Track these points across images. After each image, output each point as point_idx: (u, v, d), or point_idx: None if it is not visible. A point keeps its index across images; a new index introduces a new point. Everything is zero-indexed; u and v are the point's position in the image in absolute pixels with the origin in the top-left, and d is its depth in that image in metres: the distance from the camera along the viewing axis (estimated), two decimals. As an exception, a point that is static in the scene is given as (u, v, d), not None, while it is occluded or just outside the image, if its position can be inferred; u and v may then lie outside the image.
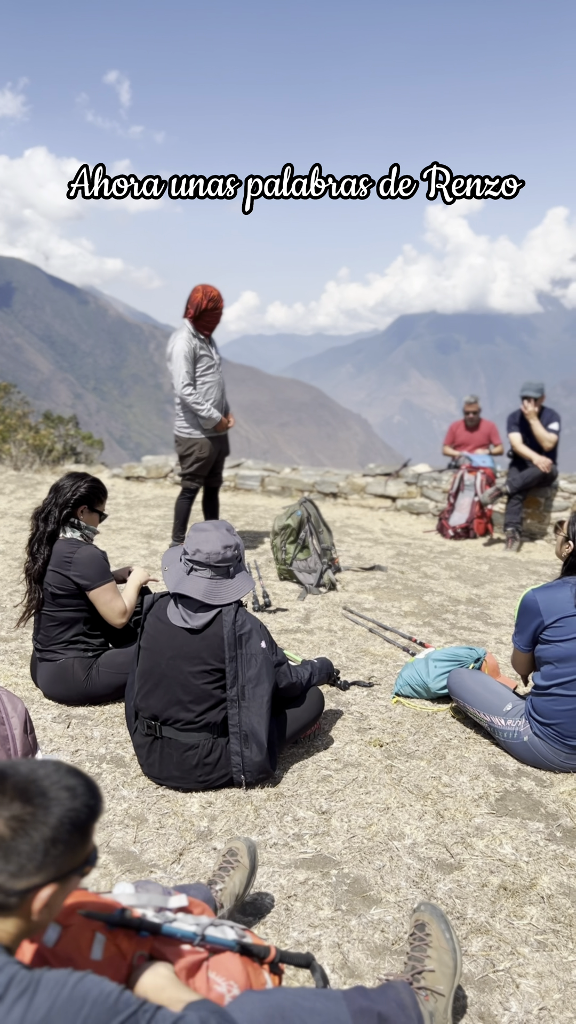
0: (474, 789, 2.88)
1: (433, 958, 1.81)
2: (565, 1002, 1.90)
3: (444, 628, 4.76)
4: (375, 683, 3.84)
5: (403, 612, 5.05)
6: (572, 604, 2.94)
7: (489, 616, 5.06)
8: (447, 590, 5.65)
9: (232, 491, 10.10)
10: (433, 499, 8.92)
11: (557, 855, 2.49)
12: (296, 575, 5.56)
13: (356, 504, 9.52)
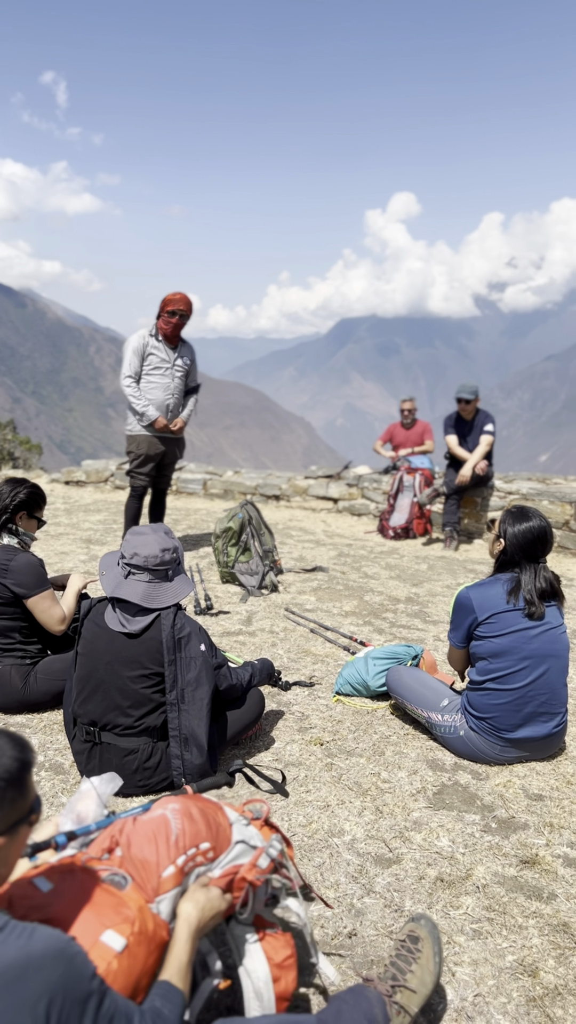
0: (412, 784, 2.93)
1: (416, 975, 1.78)
2: (499, 988, 1.95)
3: (384, 627, 4.83)
4: (316, 683, 3.88)
5: (344, 612, 5.10)
6: (504, 600, 3.02)
7: (427, 614, 5.15)
8: (387, 589, 5.73)
9: (175, 494, 10.07)
10: (374, 500, 9.02)
11: (492, 846, 2.55)
12: (238, 577, 5.57)
13: (299, 506, 9.57)
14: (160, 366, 5.88)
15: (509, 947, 2.09)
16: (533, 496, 7.72)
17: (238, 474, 10.53)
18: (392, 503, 8.26)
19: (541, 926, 2.17)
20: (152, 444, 5.98)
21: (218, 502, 9.75)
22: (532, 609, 2.98)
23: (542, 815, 2.72)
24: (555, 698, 3.02)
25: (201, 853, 1.70)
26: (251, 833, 1.82)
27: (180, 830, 1.70)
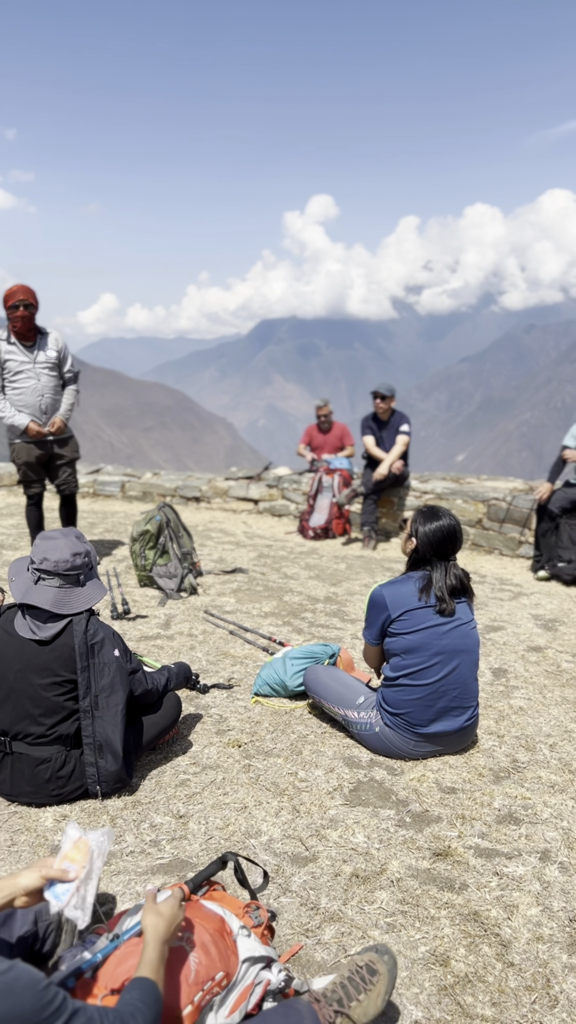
0: (329, 782, 2.96)
1: (362, 1006, 1.75)
2: (412, 978, 1.99)
3: (303, 627, 4.86)
4: (235, 684, 3.87)
5: (264, 613, 5.11)
6: (416, 597, 3.08)
7: (346, 613, 5.20)
8: (306, 589, 5.77)
9: (91, 497, 9.90)
10: (294, 501, 9.07)
11: (406, 840, 2.59)
12: (156, 581, 5.51)
13: (219, 508, 9.54)
14: (21, 369, 5.55)
15: (422, 938, 2.13)
16: (448, 495, 7.89)
17: (157, 476, 10.43)
18: (312, 504, 8.32)
19: (453, 916, 2.22)
20: (30, 451, 5.70)
21: (137, 504, 9.63)
22: (443, 606, 3.05)
23: (455, 808, 2.79)
24: (466, 692, 3.10)
25: (216, 984, 1.69)
26: (253, 946, 1.82)
27: (198, 964, 1.68)
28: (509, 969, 2.02)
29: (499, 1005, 1.90)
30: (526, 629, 4.94)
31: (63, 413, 5.76)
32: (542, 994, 1.94)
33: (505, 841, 2.58)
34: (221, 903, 1.95)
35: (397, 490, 8.23)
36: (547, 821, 2.71)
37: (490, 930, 2.16)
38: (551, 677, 4.10)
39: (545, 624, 5.07)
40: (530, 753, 3.22)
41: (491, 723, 3.50)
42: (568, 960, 2.05)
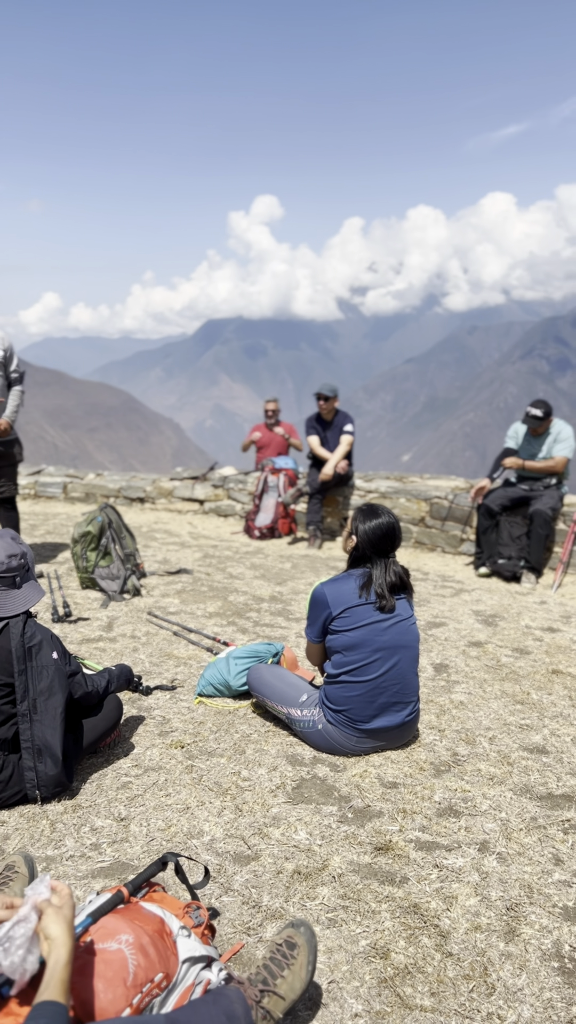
0: (272, 780, 2.96)
1: (287, 981, 1.78)
2: (352, 972, 2.01)
3: (248, 626, 4.85)
4: (178, 685, 3.85)
5: (208, 613, 5.09)
6: (357, 595, 3.10)
7: (291, 612, 5.22)
8: (251, 589, 5.76)
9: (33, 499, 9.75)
10: (240, 501, 9.06)
11: (348, 835, 2.61)
12: (99, 583, 5.45)
13: (164, 508, 9.48)
14: None
15: (363, 932, 2.15)
16: (391, 494, 7.97)
17: (100, 476, 10.32)
18: (257, 504, 8.33)
19: (393, 909, 2.24)
20: None
21: (79, 506, 9.52)
22: (383, 602, 3.08)
23: (396, 802, 2.82)
24: (407, 687, 3.13)
25: (156, 985, 1.66)
26: (193, 946, 1.80)
27: (136, 967, 1.65)
28: (448, 959, 2.04)
29: (438, 995, 1.93)
30: (467, 625, 5.01)
31: (9, 415, 5.67)
32: (480, 982, 1.97)
33: (445, 834, 2.62)
34: (161, 904, 1.94)
35: (342, 489, 8.29)
36: (486, 813, 2.75)
37: (430, 922, 2.18)
38: (491, 671, 4.17)
39: (486, 620, 5.15)
40: (470, 746, 3.27)
41: (432, 717, 3.55)
42: (505, 948, 2.08)
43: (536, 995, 1.92)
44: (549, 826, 2.67)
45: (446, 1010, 1.88)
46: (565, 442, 6.60)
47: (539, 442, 6.73)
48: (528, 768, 3.08)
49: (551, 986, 1.95)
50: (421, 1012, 1.88)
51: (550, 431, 6.68)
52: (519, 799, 2.85)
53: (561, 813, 2.75)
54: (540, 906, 2.25)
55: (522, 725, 3.50)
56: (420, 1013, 1.87)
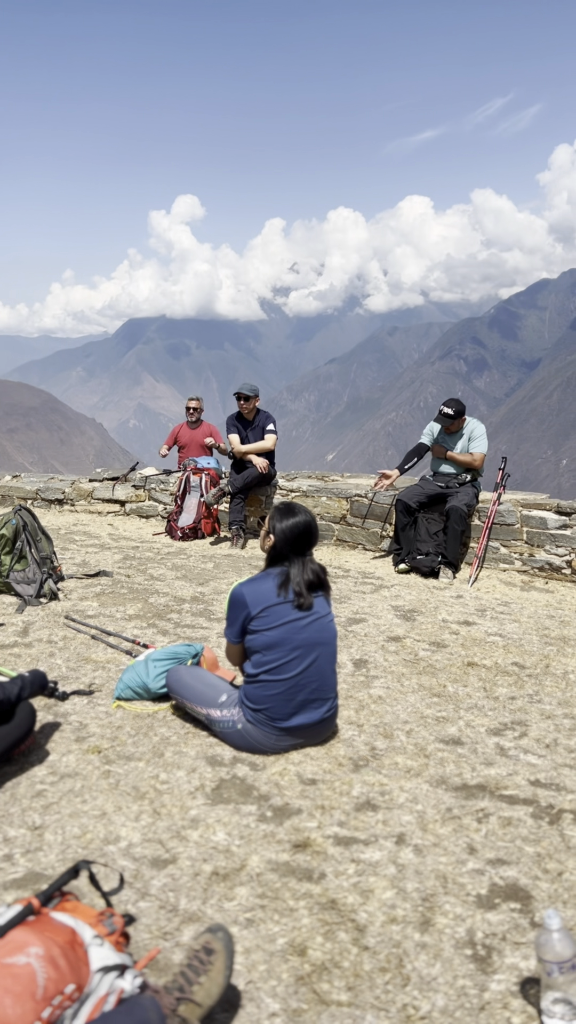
0: (191, 782, 2.93)
1: (204, 988, 1.76)
2: (270, 972, 2.00)
3: (168, 628, 4.80)
4: (96, 690, 3.78)
5: (128, 616, 5.02)
6: (275, 594, 3.11)
7: (212, 612, 5.19)
8: (172, 590, 5.71)
9: (-54, 502, 9.44)
10: (162, 502, 8.97)
11: (267, 834, 2.61)
12: (14, 587, 5.31)
13: (84, 510, 9.32)
14: None
15: (280, 931, 2.15)
16: (313, 493, 8.01)
17: (17, 478, 10.07)
18: (180, 504, 8.26)
19: (311, 906, 2.25)
20: None
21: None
22: (301, 600, 3.10)
23: (315, 799, 2.83)
24: (325, 684, 3.16)
25: (67, 997, 1.61)
26: (107, 955, 1.75)
27: (47, 980, 1.60)
28: (364, 953, 2.06)
29: (354, 989, 1.94)
30: (386, 620, 5.08)
31: None
32: (395, 974, 1.99)
33: (362, 828, 2.64)
34: (73, 913, 1.90)
35: (265, 489, 8.29)
36: (403, 805, 2.79)
37: (346, 916, 2.20)
38: (409, 665, 4.23)
39: (404, 615, 5.23)
40: (388, 740, 3.31)
41: (351, 713, 3.58)
42: (420, 938, 2.11)
43: (450, 983, 1.96)
44: (464, 816, 2.72)
45: (362, 1004, 1.89)
46: (480, 439, 6.78)
47: (453, 440, 6.89)
48: (444, 760, 3.14)
49: (464, 973, 1.99)
50: (338, 1007, 1.88)
51: (463, 430, 6.85)
52: (435, 791, 2.90)
53: (475, 803, 2.81)
54: (454, 895, 2.29)
55: (438, 717, 3.56)
56: (337, 1008, 1.88)
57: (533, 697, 3.86)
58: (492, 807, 2.78)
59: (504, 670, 4.22)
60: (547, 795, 2.88)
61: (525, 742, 3.34)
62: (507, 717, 3.60)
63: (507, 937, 2.12)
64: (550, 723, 3.54)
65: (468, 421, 6.88)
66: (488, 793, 2.89)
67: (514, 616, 5.35)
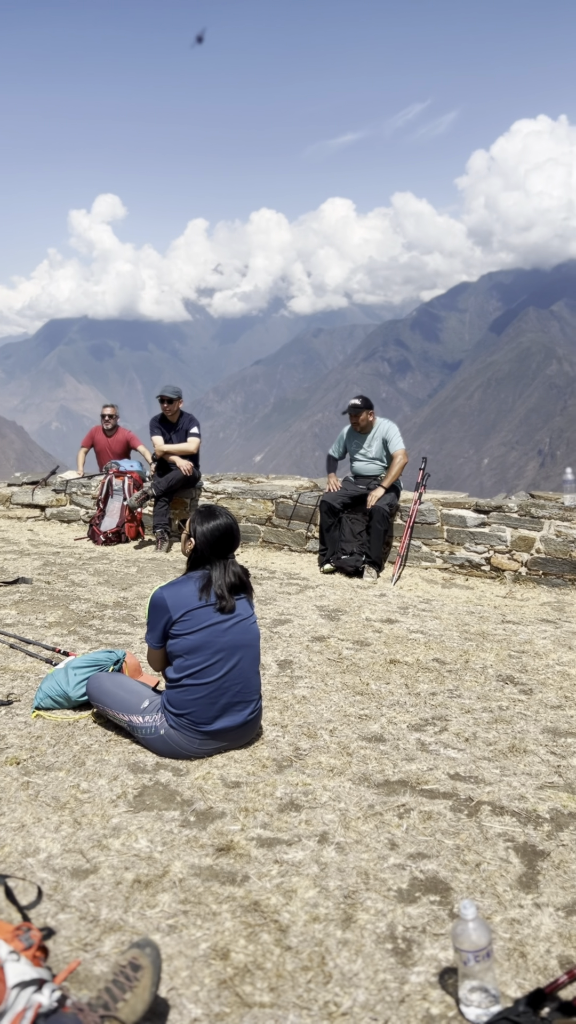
0: (113, 790, 2.89)
1: (129, 1004, 1.72)
2: (192, 977, 1.99)
3: (90, 635, 4.73)
4: (14, 700, 3.70)
5: (48, 623, 4.92)
6: (197, 597, 3.09)
7: (136, 617, 5.13)
8: (94, 596, 5.62)
9: None
10: (84, 506, 8.83)
11: (190, 839, 2.59)
12: None
13: (2, 516, 9.09)
14: None
15: (203, 936, 2.14)
16: (238, 495, 8.01)
17: None
18: (102, 508, 8.15)
19: (234, 909, 2.24)
20: None
21: None
22: (223, 603, 3.09)
23: (238, 801, 2.83)
24: (248, 687, 3.16)
25: None
26: (23, 970, 1.71)
27: None
28: (287, 953, 2.07)
29: (276, 989, 1.94)
30: (311, 620, 5.11)
31: None
32: (317, 972, 2.00)
33: (286, 828, 2.65)
34: None
35: (189, 491, 8.25)
36: (326, 804, 2.81)
37: (269, 917, 2.20)
38: (333, 665, 4.27)
39: (329, 614, 5.27)
40: (311, 740, 3.33)
41: (276, 714, 3.59)
42: (342, 935, 2.14)
43: (371, 978, 1.98)
44: (385, 812, 2.76)
45: (284, 1004, 1.90)
46: (396, 437, 6.91)
47: (364, 439, 7.02)
48: (366, 757, 3.18)
49: (385, 967, 2.02)
50: (260, 1008, 1.89)
51: (374, 430, 6.96)
52: (357, 788, 2.93)
53: (397, 798, 2.86)
54: (376, 891, 2.32)
55: (361, 715, 3.60)
56: (259, 1010, 1.88)
57: (453, 692, 3.94)
58: (413, 802, 2.83)
59: (425, 666, 4.29)
60: (466, 788, 2.94)
61: (445, 737, 3.41)
62: (428, 713, 3.67)
63: (427, 929, 2.16)
64: (469, 717, 3.62)
65: (379, 422, 7.00)
66: (409, 788, 2.93)
67: (435, 613, 5.45)
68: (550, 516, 6.52)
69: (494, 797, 2.87)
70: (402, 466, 6.87)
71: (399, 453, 6.88)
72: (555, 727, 3.52)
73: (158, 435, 7.93)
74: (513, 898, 2.30)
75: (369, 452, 6.99)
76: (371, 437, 6.99)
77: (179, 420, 7.93)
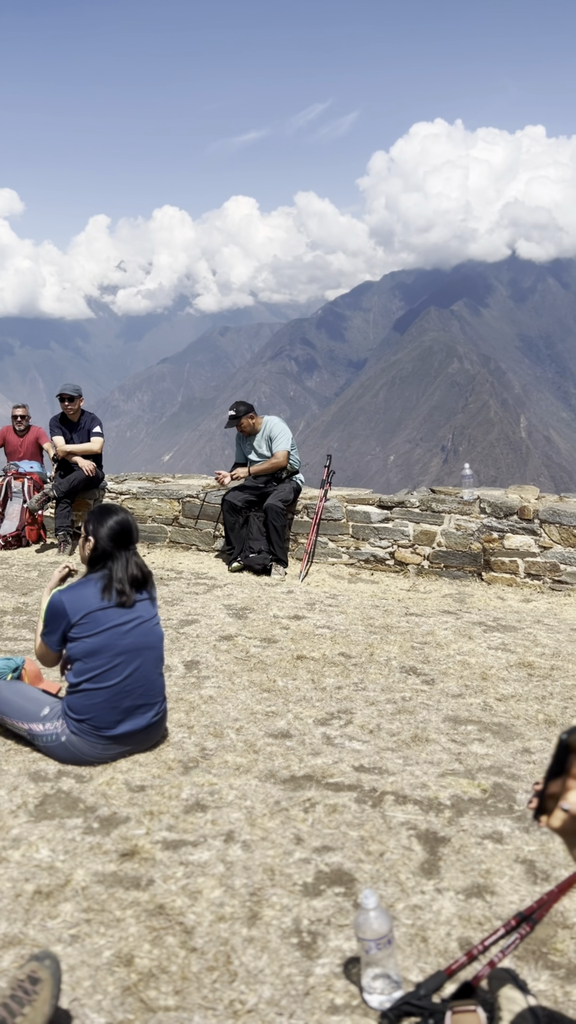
0: (12, 801, 2.81)
1: (28, 1018, 1.68)
2: (95, 986, 1.95)
3: (-11, 642, 4.59)
4: None
5: (-56, 631, 4.75)
6: (97, 599, 3.04)
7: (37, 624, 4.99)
8: (-6, 602, 5.45)
9: None
10: (-18, 509, 8.53)
11: (93, 846, 2.55)
12: None
13: None
14: None
15: (106, 943, 2.10)
16: (144, 495, 7.91)
17: None
18: (1, 511, 7.90)
19: (138, 914, 2.21)
20: None
21: None
22: (124, 598, 3.06)
23: (143, 805, 2.79)
24: (152, 689, 3.12)
25: None
26: None
27: None
28: (192, 954, 2.06)
29: (182, 992, 1.93)
30: (219, 620, 5.10)
31: None
32: (223, 971, 2.00)
33: (191, 830, 2.64)
34: None
35: (92, 492, 8.09)
36: (232, 803, 2.81)
37: (175, 920, 2.19)
38: (240, 663, 4.27)
39: (236, 613, 5.27)
40: (218, 739, 3.32)
41: (182, 715, 3.56)
42: (248, 933, 2.14)
43: (276, 973, 1.99)
44: (291, 808, 2.78)
45: (189, 1006, 1.89)
46: (280, 437, 6.94)
47: (252, 441, 7.05)
48: (273, 754, 3.19)
49: (290, 962, 2.03)
50: (165, 1012, 1.87)
51: (262, 431, 6.99)
52: (264, 785, 2.94)
53: (302, 793, 2.88)
54: (281, 887, 2.34)
55: (268, 712, 3.61)
56: (164, 1014, 1.87)
57: (358, 685, 4.00)
58: (318, 796, 2.86)
59: (332, 661, 4.34)
60: (370, 779, 2.99)
61: (350, 729, 3.45)
62: (334, 707, 3.71)
63: (332, 921, 2.19)
64: (374, 709, 3.68)
65: (266, 421, 7.05)
66: (315, 783, 2.96)
67: (341, 608, 5.52)
68: (450, 510, 6.69)
69: (397, 787, 2.93)
70: (275, 465, 6.89)
71: (280, 454, 6.89)
72: (456, 715, 3.62)
73: (59, 435, 7.75)
74: (415, 885, 2.35)
75: (261, 451, 7.04)
76: (260, 438, 7.03)
77: (81, 419, 7.78)
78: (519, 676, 4.13)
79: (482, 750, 3.25)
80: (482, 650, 4.55)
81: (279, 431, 6.95)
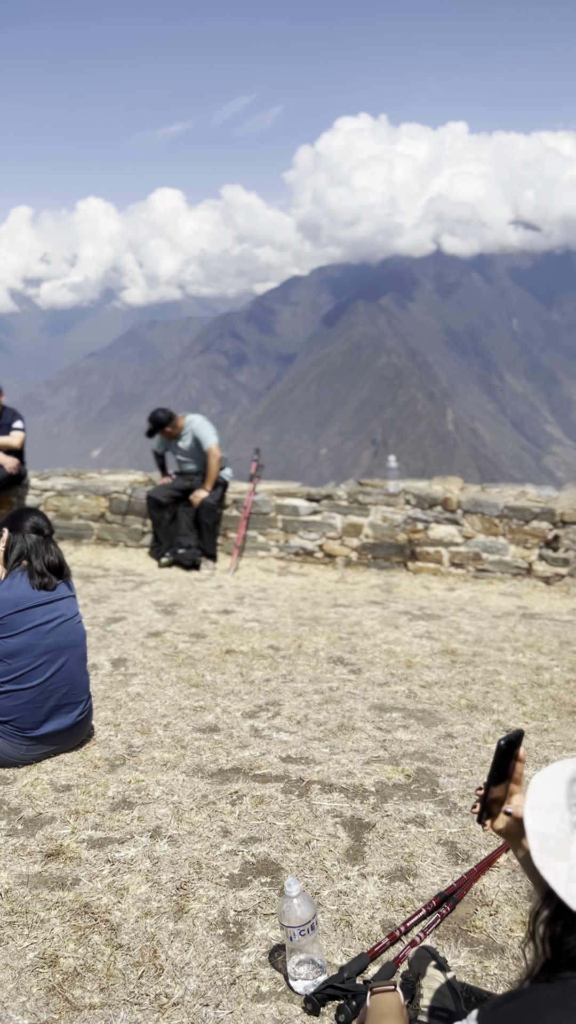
0: None
1: None
2: (19, 988, 1.93)
3: None
4: None
5: None
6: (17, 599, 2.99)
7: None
8: None
9: None
10: None
11: (17, 847, 2.51)
12: None
13: None
14: None
15: (30, 945, 2.08)
16: (69, 491, 7.79)
17: None
18: None
19: (63, 913, 2.20)
20: None
21: None
22: (44, 580, 3.03)
23: (68, 804, 2.77)
24: (76, 688, 3.09)
25: None
26: None
27: None
28: (118, 951, 2.05)
29: (107, 990, 1.93)
30: (147, 616, 5.07)
31: None
32: (149, 966, 2.00)
33: (118, 827, 2.63)
34: None
35: (16, 489, 7.92)
36: (159, 799, 2.81)
37: (100, 918, 2.18)
38: (168, 659, 4.25)
39: (165, 609, 5.25)
40: (145, 736, 3.31)
41: (108, 713, 3.54)
42: (174, 927, 2.14)
43: (202, 965, 2.00)
44: (218, 801, 2.79)
45: (115, 1002, 1.89)
46: (205, 434, 6.93)
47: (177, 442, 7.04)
48: (200, 748, 3.20)
49: (216, 953, 2.05)
50: (90, 1010, 1.86)
51: (186, 429, 6.99)
52: (191, 780, 2.94)
53: (229, 786, 2.89)
54: (208, 879, 2.35)
55: (196, 707, 3.62)
56: (89, 1012, 1.86)
57: (287, 677, 4.03)
58: (246, 788, 2.88)
59: (260, 654, 4.37)
60: (297, 769, 3.02)
61: (278, 721, 3.48)
62: (262, 699, 3.74)
63: (258, 911, 2.21)
64: (301, 700, 3.72)
65: (188, 420, 7.03)
66: (242, 775, 2.98)
67: (271, 601, 5.55)
68: (376, 502, 6.79)
69: (324, 776, 2.97)
70: (218, 460, 6.89)
71: (212, 449, 6.88)
72: (381, 703, 3.69)
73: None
74: (340, 871, 2.39)
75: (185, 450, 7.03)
76: (184, 436, 7.02)
77: (1, 415, 7.60)
78: (443, 663, 4.23)
79: (406, 736, 3.32)
80: (407, 639, 4.64)
81: (204, 429, 6.94)
